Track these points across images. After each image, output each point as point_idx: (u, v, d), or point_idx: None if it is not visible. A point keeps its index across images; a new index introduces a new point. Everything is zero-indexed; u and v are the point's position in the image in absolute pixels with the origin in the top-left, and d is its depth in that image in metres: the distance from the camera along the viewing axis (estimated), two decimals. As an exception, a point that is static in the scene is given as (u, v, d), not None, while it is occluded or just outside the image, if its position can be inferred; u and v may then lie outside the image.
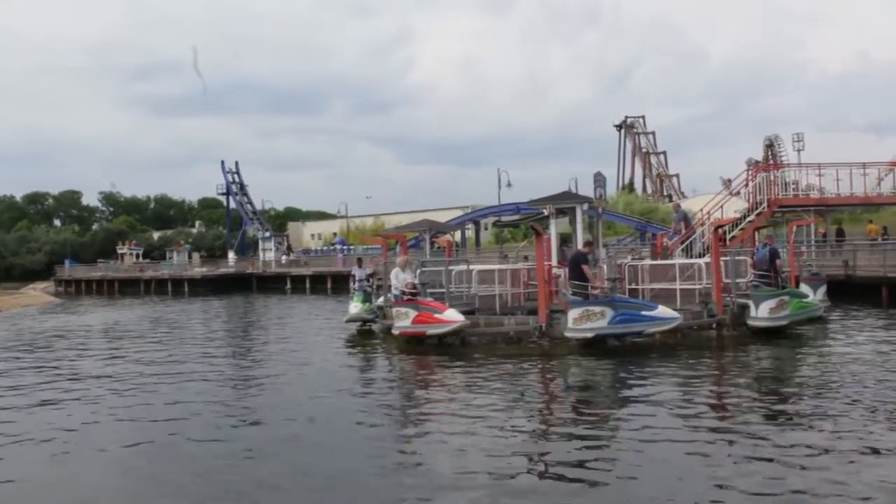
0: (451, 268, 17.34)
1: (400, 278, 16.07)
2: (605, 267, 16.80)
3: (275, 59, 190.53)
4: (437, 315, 14.91)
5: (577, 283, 14.08)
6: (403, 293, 15.72)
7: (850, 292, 22.52)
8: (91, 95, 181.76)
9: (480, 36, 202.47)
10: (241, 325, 25.80)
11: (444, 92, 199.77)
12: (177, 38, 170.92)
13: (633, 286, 17.26)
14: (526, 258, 22.15)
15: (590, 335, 13.72)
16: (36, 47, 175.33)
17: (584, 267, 14.10)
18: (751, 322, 15.10)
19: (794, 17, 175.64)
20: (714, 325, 15.14)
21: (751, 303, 15.20)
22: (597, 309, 13.68)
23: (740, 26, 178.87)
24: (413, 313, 15.25)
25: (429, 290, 16.13)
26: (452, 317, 14.81)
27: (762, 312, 14.89)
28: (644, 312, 13.94)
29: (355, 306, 19.08)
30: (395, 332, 15.80)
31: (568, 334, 13.97)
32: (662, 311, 14.02)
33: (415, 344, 15.27)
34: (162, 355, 16.15)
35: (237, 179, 75.56)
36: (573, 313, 13.85)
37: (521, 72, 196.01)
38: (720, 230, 16.67)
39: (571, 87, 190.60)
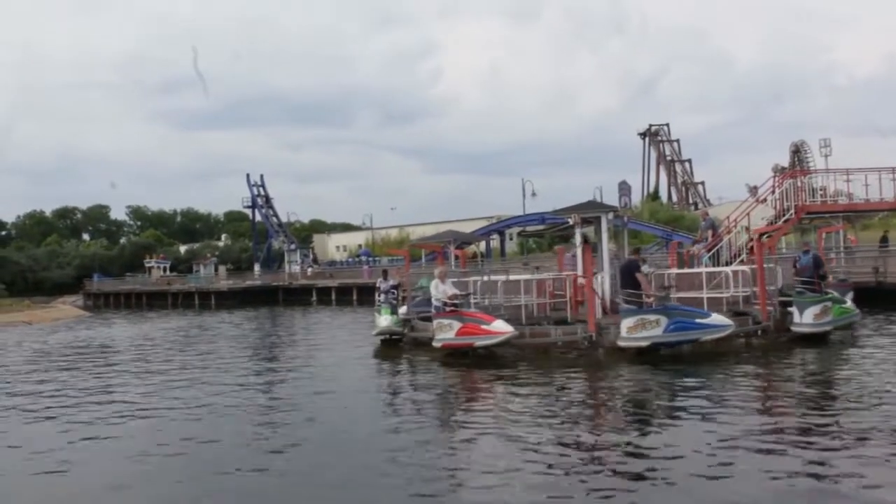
0: (475, 278, 17.35)
1: (440, 289, 15.77)
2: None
3: (300, 71, 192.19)
4: (484, 326, 14.69)
5: (630, 291, 13.98)
6: (445, 304, 15.47)
7: (880, 299, 22.20)
8: (118, 110, 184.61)
9: (505, 45, 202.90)
10: (269, 338, 26.02)
11: (468, 101, 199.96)
12: (202, 52, 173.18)
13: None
14: (537, 268, 22.12)
15: (644, 344, 13.61)
16: (63, 63, 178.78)
17: (638, 275, 13.94)
18: (795, 328, 15.13)
19: (821, 21, 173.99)
20: (759, 332, 15.15)
21: (794, 309, 15.22)
22: (652, 317, 13.57)
23: (766, 31, 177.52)
24: (457, 325, 14.97)
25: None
26: (501, 328, 14.60)
27: (807, 318, 14.92)
28: (698, 320, 13.85)
29: (385, 319, 18.72)
30: (437, 344, 15.43)
31: (622, 343, 13.85)
32: (716, 318, 13.97)
33: (455, 356, 14.97)
34: (190, 361, 16.32)
35: (262, 192, 76.43)
36: (627, 322, 13.78)
37: (546, 81, 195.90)
38: (763, 238, 16.75)
39: (596, 96, 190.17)
